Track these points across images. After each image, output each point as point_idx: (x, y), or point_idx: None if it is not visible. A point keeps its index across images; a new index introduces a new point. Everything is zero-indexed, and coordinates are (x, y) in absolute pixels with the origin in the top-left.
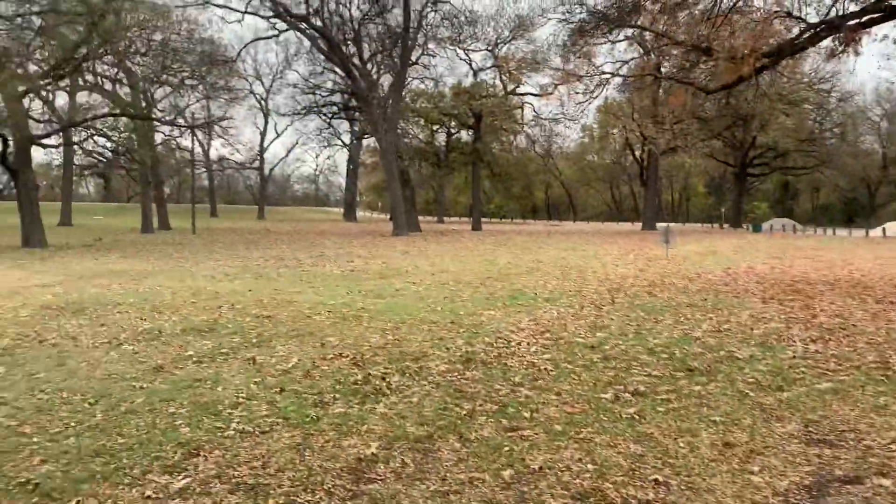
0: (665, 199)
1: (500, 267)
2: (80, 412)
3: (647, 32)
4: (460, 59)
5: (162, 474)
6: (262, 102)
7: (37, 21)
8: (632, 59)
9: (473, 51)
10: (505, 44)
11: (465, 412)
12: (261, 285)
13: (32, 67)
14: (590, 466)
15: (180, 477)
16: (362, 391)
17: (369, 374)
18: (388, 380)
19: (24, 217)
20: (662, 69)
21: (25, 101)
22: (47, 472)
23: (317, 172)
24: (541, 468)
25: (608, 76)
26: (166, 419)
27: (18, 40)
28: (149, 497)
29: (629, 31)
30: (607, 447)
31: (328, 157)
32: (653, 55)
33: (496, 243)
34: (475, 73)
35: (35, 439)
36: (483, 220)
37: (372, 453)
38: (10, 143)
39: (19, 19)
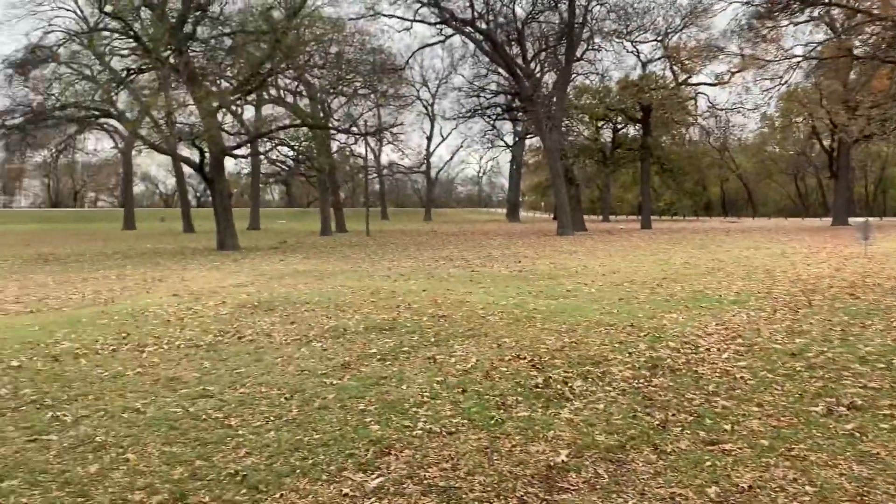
0: (857, 191)
1: (677, 267)
2: (277, 406)
3: (837, 11)
4: (627, 51)
5: (356, 472)
6: (428, 108)
7: (227, 42)
8: (825, 41)
9: (641, 42)
10: (676, 33)
11: (656, 422)
12: (433, 285)
13: (224, 84)
14: (808, 489)
15: (374, 476)
16: (544, 395)
17: (549, 377)
18: (570, 384)
19: (219, 222)
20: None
21: (219, 116)
22: (252, 464)
23: (480, 174)
24: (750, 487)
25: (798, 59)
26: (357, 416)
27: (213, 60)
28: (346, 495)
29: (816, 11)
30: (826, 467)
31: (491, 159)
32: (842, 35)
33: (669, 242)
34: (643, 65)
35: (240, 432)
36: (652, 217)
37: (562, 461)
38: (207, 155)
39: (213, 41)
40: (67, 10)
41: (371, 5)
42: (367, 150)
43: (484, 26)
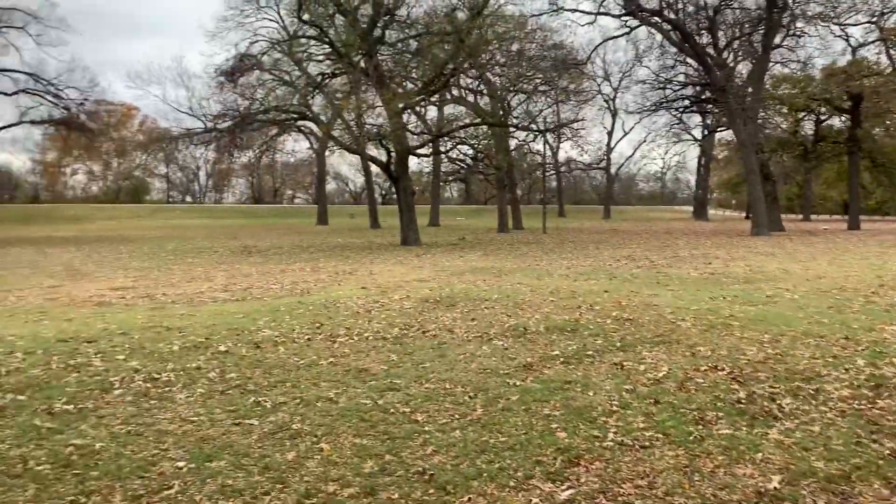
0: None
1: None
2: (462, 405)
3: None
4: (834, 36)
5: (545, 481)
6: (610, 102)
7: (413, 44)
8: None
9: (851, 25)
10: (894, 12)
11: (886, 451)
12: (616, 286)
13: (409, 86)
14: None
15: (564, 487)
16: (748, 412)
17: (753, 392)
18: (777, 401)
19: (403, 219)
20: None
21: (404, 116)
22: (439, 463)
23: (663, 170)
24: None
25: None
26: (542, 421)
27: (399, 63)
28: None
29: None
30: None
31: (676, 154)
32: None
33: (883, 244)
34: (853, 51)
35: (426, 428)
36: (861, 217)
37: (774, 488)
38: (393, 154)
39: (400, 44)
40: (271, 20)
41: (554, 0)
42: (545, 147)
43: (672, 16)
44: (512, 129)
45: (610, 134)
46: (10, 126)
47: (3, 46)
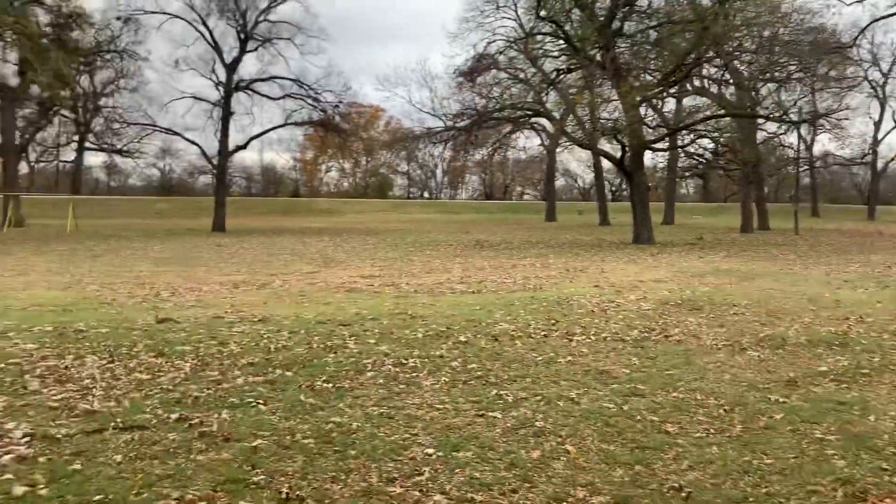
0: None
1: None
2: (716, 419)
3: None
4: None
5: None
6: (878, 89)
7: (653, 34)
8: None
9: None
10: None
11: None
12: (890, 296)
13: (647, 78)
14: None
15: None
16: None
17: None
18: None
19: (636, 216)
20: None
21: (640, 110)
22: (695, 480)
23: None
24: None
25: None
26: (814, 445)
27: (637, 55)
28: None
29: None
30: None
31: None
32: None
33: None
34: None
35: (679, 441)
36: None
37: None
38: (627, 149)
39: (638, 35)
40: (509, 19)
41: None
42: (798, 140)
43: None
44: (761, 121)
45: (877, 125)
46: (276, 127)
47: (273, 56)
